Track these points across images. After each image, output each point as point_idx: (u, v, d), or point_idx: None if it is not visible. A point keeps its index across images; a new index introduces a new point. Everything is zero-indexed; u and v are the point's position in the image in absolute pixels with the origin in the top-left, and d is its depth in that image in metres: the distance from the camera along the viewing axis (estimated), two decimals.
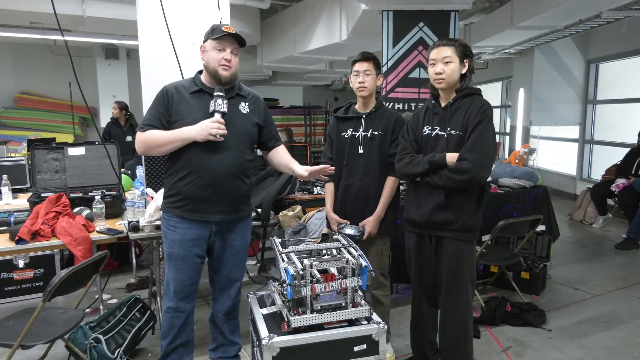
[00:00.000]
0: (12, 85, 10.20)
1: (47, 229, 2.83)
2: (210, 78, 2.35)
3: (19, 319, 2.47)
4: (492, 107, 2.28)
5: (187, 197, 2.33)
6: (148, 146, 2.32)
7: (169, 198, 2.39)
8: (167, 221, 2.40)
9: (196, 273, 2.43)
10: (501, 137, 10.50)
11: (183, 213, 2.35)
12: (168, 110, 2.32)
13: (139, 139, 2.33)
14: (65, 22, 6.09)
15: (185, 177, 2.32)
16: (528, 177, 4.54)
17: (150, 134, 2.30)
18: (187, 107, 2.32)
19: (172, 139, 2.27)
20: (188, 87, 2.37)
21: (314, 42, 6.95)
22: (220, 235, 2.44)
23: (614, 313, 3.62)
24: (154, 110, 2.34)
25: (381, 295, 2.80)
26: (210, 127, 2.22)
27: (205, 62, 2.34)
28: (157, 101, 2.35)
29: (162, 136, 2.29)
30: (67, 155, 3.57)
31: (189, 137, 2.25)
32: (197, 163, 2.30)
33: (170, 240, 2.38)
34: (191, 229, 2.36)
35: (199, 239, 2.38)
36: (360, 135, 2.70)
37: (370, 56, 2.68)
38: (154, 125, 2.31)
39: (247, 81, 13.39)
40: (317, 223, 3.29)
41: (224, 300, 2.57)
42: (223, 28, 2.29)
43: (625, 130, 7.22)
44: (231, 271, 2.55)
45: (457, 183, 2.23)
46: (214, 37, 2.29)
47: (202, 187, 2.31)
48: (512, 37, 6.75)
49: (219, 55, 2.29)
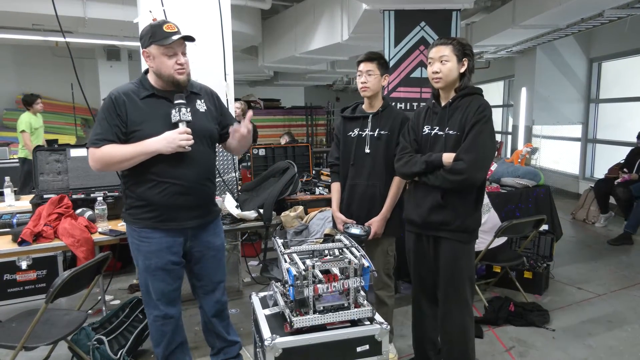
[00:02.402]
0: (14, 87, 10.22)
1: (49, 230, 2.83)
2: (166, 85, 2.20)
3: (22, 321, 2.47)
4: (490, 107, 2.26)
5: (160, 206, 2.20)
6: (106, 163, 2.13)
7: (137, 209, 2.23)
8: (138, 233, 2.25)
9: (178, 279, 2.37)
10: (503, 136, 10.49)
11: (156, 224, 2.22)
12: (122, 121, 2.13)
13: (95, 156, 2.13)
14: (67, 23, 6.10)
15: (155, 186, 2.19)
16: (531, 176, 4.53)
17: (107, 149, 2.11)
18: (142, 114, 2.16)
19: (135, 154, 2.11)
20: (137, 92, 2.19)
21: (315, 42, 6.95)
22: (197, 239, 2.37)
23: (618, 313, 3.61)
24: (105, 123, 2.13)
25: (385, 295, 2.80)
26: (178, 139, 2.11)
27: (156, 69, 2.17)
28: (107, 111, 2.13)
29: (122, 151, 2.11)
30: (69, 157, 3.57)
31: (154, 150, 2.11)
32: (165, 171, 2.18)
33: (145, 252, 2.25)
34: (166, 237, 2.25)
35: (175, 246, 2.29)
36: (367, 135, 2.69)
37: (374, 56, 2.66)
38: (108, 140, 2.11)
39: (248, 82, 13.43)
40: (319, 223, 3.29)
41: (211, 304, 2.52)
42: (165, 28, 2.11)
43: (628, 129, 7.19)
44: (214, 274, 2.48)
45: (453, 184, 2.22)
46: (160, 43, 2.10)
47: (175, 195, 2.20)
48: (514, 36, 6.74)
49: (170, 61, 2.14)
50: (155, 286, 2.30)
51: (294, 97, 14.33)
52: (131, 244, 2.32)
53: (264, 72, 10.98)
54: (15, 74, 10.24)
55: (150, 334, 2.42)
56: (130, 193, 2.26)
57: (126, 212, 2.30)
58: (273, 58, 8.56)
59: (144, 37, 2.17)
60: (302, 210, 3.45)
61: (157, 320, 2.35)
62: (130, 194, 2.25)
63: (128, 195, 2.27)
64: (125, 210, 2.30)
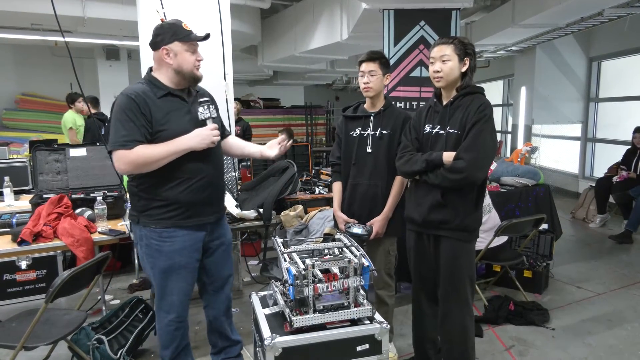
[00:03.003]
0: (14, 86, 10.21)
1: (49, 230, 2.83)
2: (184, 81, 2.24)
3: (22, 321, 2.47)
4: (491, 106, 2.27)
5: (183, 204, 2.22)
6: (140, 165, 2.10)
7: (157, 209, 2.21)
8: (158, 234, 2.23)
9: (195, 278, 2.40)
10: (503, 135, 10.48)
11: (180, 222, 2.23)
12: (148, 121, 2.13)
13: (127, 159, 2.08)
14: (66, 23, 6.09)
15: (179, 184, 2.20)
16: (530, 175, 4.53)
17: (141, 150, 2.09)
18: (163, 114, 2.17)
19: (170, 152, 2.12)
20: (152, 92, 2.19)
21: (315, 41, 6.94)
22: (213, 234, 2.41)
23: (618, 311, 3.61)
24: (131, 123, 2.09)
25: (386, 295, 2.80)
26: (211, 135, 2.19)
27: (177, 65, 2.19)
28: (131, 112, 2.10)
29: (157, 151, 2.11)
30: (68, 157, 3.57)
31: (187, 147, 2.15)
32: (191, 170, 2.21)
33: (167, 252, 2.24)
34: (189, 235, 2.27)
35: (197, 243, 2.33)
36: (369, 134, 2.69)
37: (376, 56, 2.66)
38: (138, 140, 2.09)
39: (248, 81, 13.42)
40: (318, 223, 3.29)
41: (221, 301, 2.54)
42: (184, 27, 2.21)
43: (628, 128, 7.17)
44: (224, 269, 2.51)
45: (452, 182, 2.22)
46: (185, 40, 2.18)
47: (199, 191, 2.24)
48: (513, 35, 6.74)
49: (192, 57, 2.21)
50: (177, 287, 2.30)
51: (293, 96, 14.31)
52: (147, 247, 2.26)
53: (263, 72, 10.97)
54: (15, 74, 10.23)
55: (160, 337, 2.39)
56: (145, 194, 2.22)
57: (142, 214, 2.24)
58: (272, 57, 8.55)
59: (162, 35, 2.19)
60: (301, 209, 3.45)
61: (171, 324, 2.33)
62: (146, 195, 2.21)
63: (142, 197, 2.23)
64: (140, 213, 2.24)
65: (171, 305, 2.32)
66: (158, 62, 2.24)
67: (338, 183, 2.83)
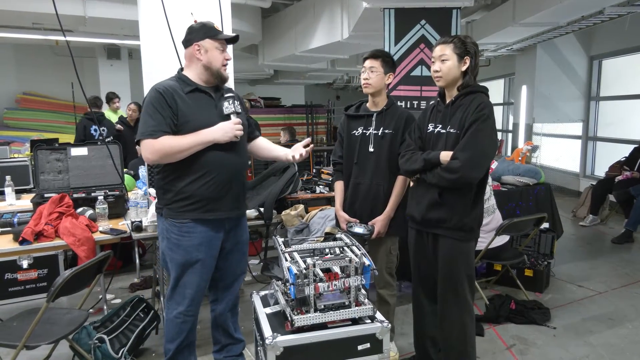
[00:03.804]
0: (15, 86, 10.23)
1: (50, 229, 2.83)
2: (212, 78, 2.32)
3: (23, 320, 2.48)
4: (491, 106, 2.26)
5: (204, 198, 2.26)
6: (164, 154, 2.18)
7: (179, 202, 2.26)
8: (179, 228, 2.28)
9: (211, 274, 2.42)
10: (504, 134, 10.48)
11: (200, 215, 2.27)
12: (174, 113, 2.21)
13: (153, 148, 2.16)
14: (67, 22, 6.10)
15: (200, 177, 2.24)
16: (531, 174, 4.53)
17: (166, 140, 2.16)
18: (189, 108, 2.25)
19: (194, 143, 2.19)
20: (180, 87, 2.27)
21: (316, 40, 6.94)
22: (232, 232, 2.43)
23: (619, 310, 3.61)
24: (158, 115, 2.18)
25: (387, 294, 2.79)
26: (234, 128, 2.24)
27: (207, 61, 2.28)
28: (158, 104, 2.19)
29: (182, 141, 2.18)
30: (69, 156, 3.58)
31: (211, 139, 2.21)
32: (213, 163, 2.25)
33: (186, 247, 2.28)
34: (208, 231, 2.31)
35: (216, 240, 2.35)
36: (371, 133, 2.68)
37: (379, 54, 2.67)
38: (164, 131, 2.17)
39: (248, 80, 13.42)
40: (319, 222, 3.29)
41: (229, 298, 2.56)
42: (215, 27, 2.31)
43: (629, 126, 7.19)
44: (237, 267, 2.54)
45: (448, 182, 2.23)
46: (216, 37, 2.28)
47: (220, 186, 2.28)
48: (514, 34, 6.73)
49: (221, 55, 2.31)
50: (192, 281, 2.33)
51: (294, 95, 14.32)
52: (168, 240, 2.32)
53: (264, 71, 10.97)
54: (16, 73, 10.25)
55: (166, 330, 2.42)
56: (170, 187, 2.28)
57: (166, 207, 2.31)
58: (273, 56, 8.55)
59: (195, 33, 2.29)
60: (302, 208, 3.45)
61: (179, 317, 2.36)
62: (171, 187, 2.27)
63: (168, 190, 2.29)
64: (164, 206, 2.31)
65: (183, 298, 2.35)
66: (189, 59, 2.34)
67: (340, 182, 2.83)
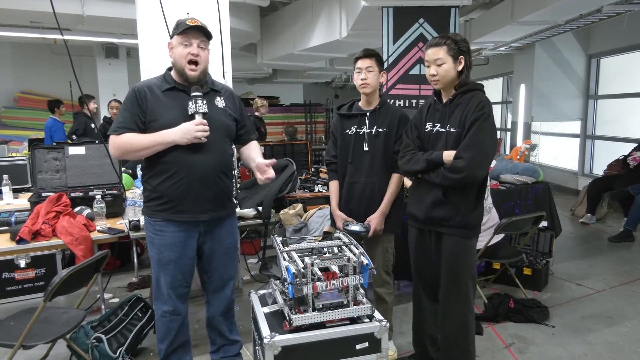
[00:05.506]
0: (13, 84, 10.20)
1: (47, 228, 2.82)
2: (179, 76, 2.28)
3: (21, 319, 2.47)
4: (490, 104, 2.26)
5: (173, 198, 2.25)
6: (124, 150, 2.23)
7: (153, 201, 2.29)
8: (153, 226, 2.31)
9: (189, 274, 2.39)
10: (502, 133, 10.48)
11: (170, 216, 2.27)
12: (142, 111, 2.22)
13: (115, 143, 2.22)
14: (65, 21, 6.09)
15: (169, 178, 2.24)
16: (530, 173, 4.53)
17: (127, 137, 2.20)
18: (162, 106, 2.24)
19: (152, 143, 2.19)
20: (160, 86, 2.28)
21: (314, 39, 6.94)
22: (210, 234, 2.39)
23: (617, 309, 3.61)
24: (127, 113, 2.22)
25: (384, 292, 2.79)
26: (194, 130, 2.18)
27: (173, 59, 2.27)
28: (130, 102, 2.24)
29: (140, 140, 2.19)
30: (67, 155, 3.56)
31: (170, 140, 2.18)
32: (181, 163, 2.23)
33: (158, 245, 2.31)
34: (179, 231, 2.29)
35: (189, 240, 2.33)
36: (365, 132, 2.68)
37: (372, 53, 2.66)
38: (129, 128, 2.20)
39: (247, 79, 13.40)
40: (318, 221, 3.29)
41: (220, 302, 2.53)
42: (187, 22, 2.22)
43: (627, 125, 7.19)
44: (224, 271, 2.50)
45: (453, 181, 2.22)
46: (179, 31, 2.22)
47: (189, 187, 2.24)
48: (512, 33, 6.73)
49: (185, 50, 2.22)
50: (166, 280, 2.34)
51: (293, 94, 14.31)
52: (147, 237, 2.38)
53: (262, 70, 10.96)
54: (14, 72, 10.22)
55: (157, 330, 2.44)
56: (147, 186, 2.32)
57: (144, 205, 2.36)
58: (272, 55, 8.55)
59: (172, 31, 2.29)
60: (301, 207, 3.45)
61: (165, 315, 2.37)
62: (148, 186, 2.32)
63: (145, 188, 2.35)
64: (144, 203, 2.37)
65: (164, 297, 2.36)
66: None
67: (335, 182, 2.82)
